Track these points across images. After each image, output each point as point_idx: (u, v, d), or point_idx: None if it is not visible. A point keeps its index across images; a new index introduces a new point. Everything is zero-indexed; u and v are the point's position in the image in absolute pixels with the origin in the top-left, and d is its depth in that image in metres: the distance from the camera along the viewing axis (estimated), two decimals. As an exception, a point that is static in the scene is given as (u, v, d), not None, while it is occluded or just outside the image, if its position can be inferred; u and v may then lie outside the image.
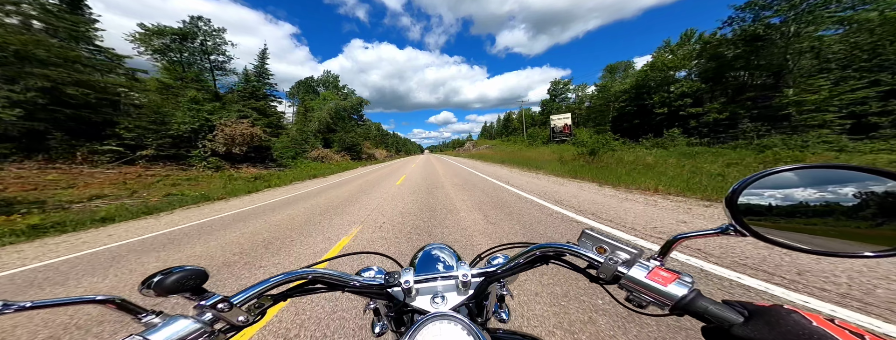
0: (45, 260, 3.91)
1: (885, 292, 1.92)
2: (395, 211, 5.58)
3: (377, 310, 0.67)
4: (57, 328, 2.05)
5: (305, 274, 0.52)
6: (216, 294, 0.42)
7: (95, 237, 5.13)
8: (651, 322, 1.71)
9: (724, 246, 2.82)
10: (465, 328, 0.44)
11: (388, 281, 0.56)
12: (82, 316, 2.17)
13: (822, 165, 0.37)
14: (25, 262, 3.86)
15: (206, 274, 0.42)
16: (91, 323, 2.07)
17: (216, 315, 0.41)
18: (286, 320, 1.98)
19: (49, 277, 3.25)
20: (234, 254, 3.54)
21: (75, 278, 3.17)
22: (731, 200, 0.41)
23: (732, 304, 0.34)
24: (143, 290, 0.38)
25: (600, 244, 0.50)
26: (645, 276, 0.41)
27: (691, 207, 4.67)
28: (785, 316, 0.29)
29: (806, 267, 2.31)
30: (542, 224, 4.16)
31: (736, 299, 0.35)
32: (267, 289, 0.46)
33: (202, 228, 5.19)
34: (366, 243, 3.70)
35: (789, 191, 0.38)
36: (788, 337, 0.27)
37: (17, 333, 2.02)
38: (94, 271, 3.34)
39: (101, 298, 0.38)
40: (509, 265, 0.56)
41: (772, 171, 0.40)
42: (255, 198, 9.03)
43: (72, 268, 3.49)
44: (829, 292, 1.97)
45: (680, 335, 1.60)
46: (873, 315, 1.70)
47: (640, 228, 3.67)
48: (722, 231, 0.41)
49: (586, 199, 5.74)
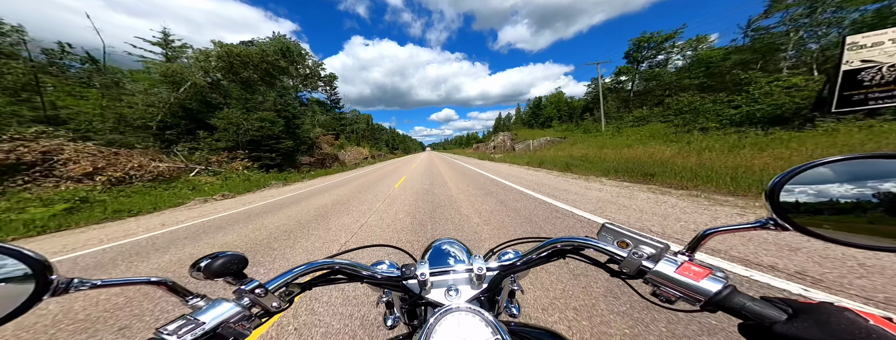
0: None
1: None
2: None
3: (389, 304, 0.68)
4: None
5: (328, 264, 0.53)
6: (254, 280, 0.45)
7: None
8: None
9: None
10: (484, 320, 0.44)
11: (404, 273, 0.56)
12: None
13: (870, 155, 0.34)
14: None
15: (246, 260, 0.46)
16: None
17: (253, 300, 0.43)
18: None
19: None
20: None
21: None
22: (772, 193, 0.39)
23: (773, 301, 0.33)
24: (193, 273, 0.42)
25: (622, 238, 0.49)
26: (674, 271, 0.39)
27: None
28: (836, 314, 0.27)
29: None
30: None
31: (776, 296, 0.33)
32: (295, 277, 0.48)
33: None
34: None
35: (834, 184, 0.36)
36: (842, 337, 0.25)
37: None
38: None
39: (156, 280, 0.41)
40: (526, 258, 0.56)
41: (815, 163, 0.37)
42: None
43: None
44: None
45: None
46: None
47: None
48: (761, 225, 0.39)
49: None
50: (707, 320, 1.63)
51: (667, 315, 1.71)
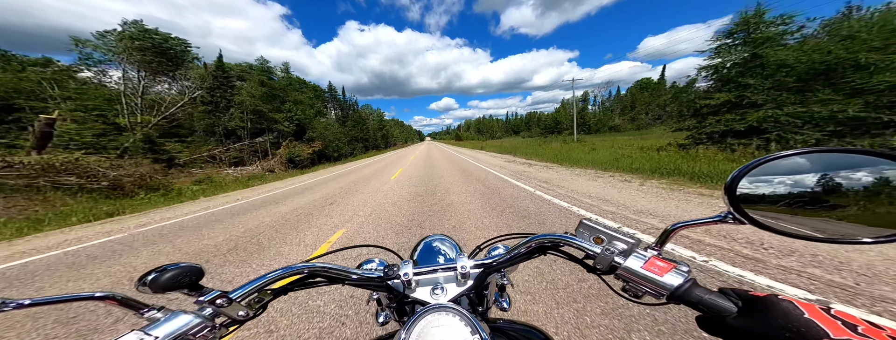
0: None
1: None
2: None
3: (380, 300, 0.69)
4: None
5: (304, 268, 0.52)
6: (214, 291, 0.43)
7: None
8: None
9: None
10: (463, 319, 0.45)
11: (388, 273, 0.56)
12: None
13: (826, 149, 0.36)
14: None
15: (202, 271, 0.43)
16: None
17: (216, 310, 0.42)
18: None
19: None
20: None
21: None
22: (731, 187, 0.40)
23: (727, 293, 0.34)
24: (140, 287, 0.39)
25: (598, 234, 0.50)
26: (641, 266, 0.40)
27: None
28: (776, 305, 0.29)
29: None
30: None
31: (731, 286, 0.35)
32: (265, 284, 0.47)
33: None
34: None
35: (791, 177, 0.38)
36: (778, 328, 0.27)
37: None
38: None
39: (101, 295, 0.38)
40: (508, 256, 0.57)
41: (773, 157, 0.38)
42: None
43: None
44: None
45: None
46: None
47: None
48: (721, 219, 0.40)
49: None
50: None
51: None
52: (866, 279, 2.00)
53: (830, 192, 0.35)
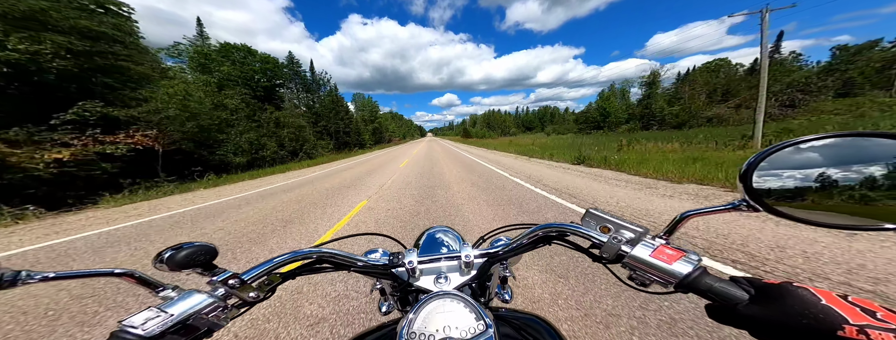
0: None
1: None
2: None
3: (383, 290, 0.69)
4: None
5: (311, 253, 0.53)
6: (226, 271, 0.44)
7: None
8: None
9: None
10: (468, 305, 0.45)
11: (393, 261, 0.57)
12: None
13: (845, 134, 0.34)
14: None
15: (216, 251, 0.44)
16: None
17: (228, 291, 0.43)
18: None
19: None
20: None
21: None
22: (746, 175, 0.39)
23: (739, 281, 0.33)
24: (157, 264, 0.41)
25: (604, 223, 0.49)
26: (649, 254, 0.40)
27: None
28: (792, 293, 0.28)
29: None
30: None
31: (743, 275, 0.34)
32: (275, 267, 0.48)
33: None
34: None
35: (807, 163, 0.36)
36: (794, 315, 0.26)
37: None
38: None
39: (120, 271, 0.40)
40: (512, 245, 0.56)
41: (790, 143, 0.37)
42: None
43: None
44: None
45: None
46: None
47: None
48: (734, 206, 0.39)
49: None
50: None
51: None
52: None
53: (848, 177, 0.33)
